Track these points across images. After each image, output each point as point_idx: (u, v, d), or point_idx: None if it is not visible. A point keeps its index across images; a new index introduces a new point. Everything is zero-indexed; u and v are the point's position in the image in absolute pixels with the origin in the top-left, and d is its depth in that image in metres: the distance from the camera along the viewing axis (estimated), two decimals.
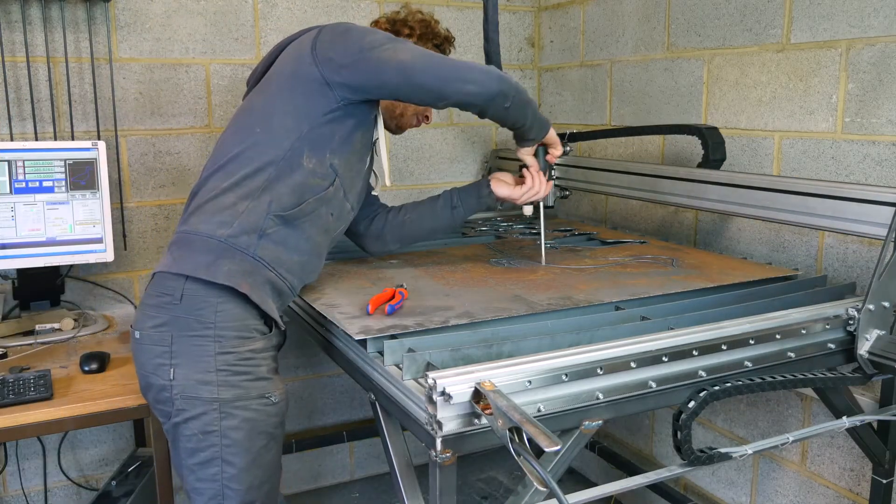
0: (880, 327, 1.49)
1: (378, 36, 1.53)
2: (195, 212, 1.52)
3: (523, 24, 2.98)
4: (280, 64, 1.60)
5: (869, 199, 1.58)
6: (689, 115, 2.31)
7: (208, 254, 1.45)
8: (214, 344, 1.43)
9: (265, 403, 1.48)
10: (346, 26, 1.56)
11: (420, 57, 1.51)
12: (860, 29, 1.80)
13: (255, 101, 1.61)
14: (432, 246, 2.19)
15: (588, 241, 2.26)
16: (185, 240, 1.50)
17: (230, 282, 1.43)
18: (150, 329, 1.46)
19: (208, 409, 1.43)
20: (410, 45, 1.54)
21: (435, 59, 1.52)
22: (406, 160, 2.83)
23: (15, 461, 2.34)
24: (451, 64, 1.53)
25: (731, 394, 1.31)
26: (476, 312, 1.50)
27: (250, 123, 1.56)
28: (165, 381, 1.45)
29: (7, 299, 2.17)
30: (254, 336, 1.48)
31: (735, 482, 2.26)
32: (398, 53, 1.49)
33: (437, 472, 1.17)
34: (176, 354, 1.44)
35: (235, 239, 1.46)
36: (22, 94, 2.21)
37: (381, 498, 2.81)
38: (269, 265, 1.49)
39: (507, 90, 1.55)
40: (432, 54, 1.54)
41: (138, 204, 2.40)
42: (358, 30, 1.55)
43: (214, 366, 1.43)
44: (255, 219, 1.48)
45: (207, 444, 1.44)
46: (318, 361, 2.75)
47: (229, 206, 1.48)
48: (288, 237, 1.52)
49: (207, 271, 1.43)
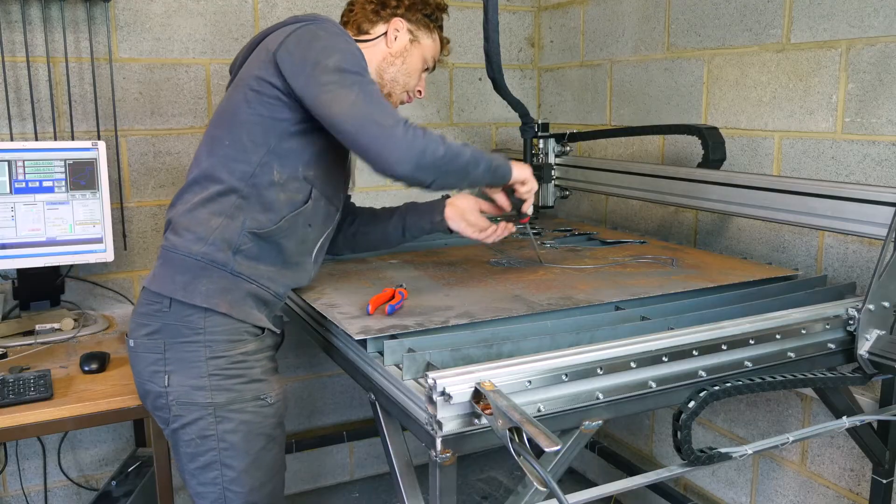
0: (880, 327, 1.49)
1: (332, 61, 1.41)
2: (173, 226, 1.50)
3: (523, 24, 2.98)
4: (249, 66, 1.51)
5: (869, 199, 1.58)
6: (689, 115, 2.31)
7: (185, 273, 1.44)
8: (205, 349, 1.43)
9: (261, 405, 1.48)
10: (314, 33, 1.45)
11: (351, 118, 1.38)
12: (860, 29, 1.80)
13: (226, 108, 1.52)
14: (432, 246, 2.19)
15: (588, 241, 2.25)
16: (165, 255, 1.49)
17: (208, 303, 1.43)
18: (143, 337, 1.47)
19: (203, 413, 1.43)
20: (353, 95, 1.39)
21: (366, 122, 1.37)
22: None
23: (15, 461, 2.34)
24: (376, 132, 1.37)
25: (731, 394, 1.31)
26: (476, 312, 1.49)
27: (220, 136, 1.49)
28: (161, 388, 1.45)
29: (7, 299, 2.17)
30: (244, 339, 1.47)
31: (735, 482, 2.26)
32: (333, 105, 1.39)
33: (437, 472, 1.17)
34: (169, 361, 1.44)
35: (212, 255, 1.44)
36: (22, 94, 2.21)
37: (381, 498, 2.81)
38: (249, 278, 1.47)
39: (424, 175, 1.40)
40: (368, 113, 1.38)
41: (138, 204, 2.40)
42: (322, 44, 1.43)
43: (207, 371, 1.43)
44: (230, 235, 1.45)
45: (206, 448, 1.45)
46: (318, 361, 2.75)
47: (203, 221, 1.46)
48: (264, 251, 1.49)
49: (185, 292, 1.43)
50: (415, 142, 1.38)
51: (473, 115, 2.92)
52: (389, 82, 1.67)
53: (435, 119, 2.84)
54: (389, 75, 1.67)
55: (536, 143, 2.55)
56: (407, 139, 1.38)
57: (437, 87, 2.83)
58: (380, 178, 2.77)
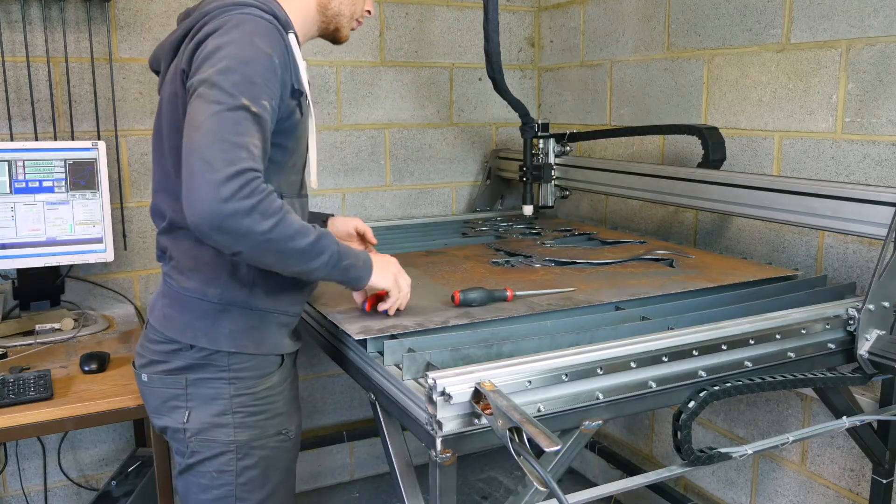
0: (880, 327, 1.49)
1: (211, 73, 1.20)
2: (176, 265, 1.39)
3: (523, 24, 2.98)
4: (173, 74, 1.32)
5: (869, 199, 1.58)
6: (689, 115, 2.31)
7: (204, 318, 1.36)
8: (229, 387, 1.38)
9: (282, 440, 1.45)
10: (222, 42, 1.24)
11: (189, 139, 1.18)
12: (860, 29, 1.80)
13: (164, 127, 1.35)
14: (432, 246, 2.19)
15: (588, 241, 2.26)
16: (175, 297, 1.39)
17: (235, 347, 1.37)
18: (162, 374, 1.40)
19: (224, 450, 1.39)
20: (205, 114, 1.18)
21: (198, 150, 1.15)
22: (406, 160, 2.83)
23: (15, 461, 2.34)
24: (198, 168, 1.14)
25: (731, 394, 1.31)
26: (476, 312, 1.50)
27: (174, 165, 1.33)
28: (179, 425, 1.40)
29: (7, 299, 2.16)
30: (270, 372, 1.43)
31: (735, 482, 2.26)
32: (187, 117, 1.20)
33: (437, 472, 1.17)
34: (191, 398, 1.38)
35: (229, 296, 1.36)
36: (22, 94, 2.21)
37: (381, 498, 2.81)
38: (273, 310, 1.41)
39: (223, 240, 1.17)
40: (204, 142, 1.15)
41: (138, 204, 2.40)
42: (220, 53, 1.22)
43: (231, 408, 1.38)
44: (242, 273, 1.36)
45: (221, 482, 1.41)
46: (317, 361, 2.75)
47: (208, 261, 1.36)
48: (276, 276, 1.35)
49: (208, 339, 1.36)
50: (231, 202, 1.14)
51: (473, 115, 2.92)
52: (334, 17, 1.50)
53: (435, 119, 2.84)
54: (333, 9, 1.49)
55: (536, 143, 2.55)
56: (222, 193, 1.13)
57: (438, 87, 2.84)
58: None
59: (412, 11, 2.74)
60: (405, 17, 2.74)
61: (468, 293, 1.54)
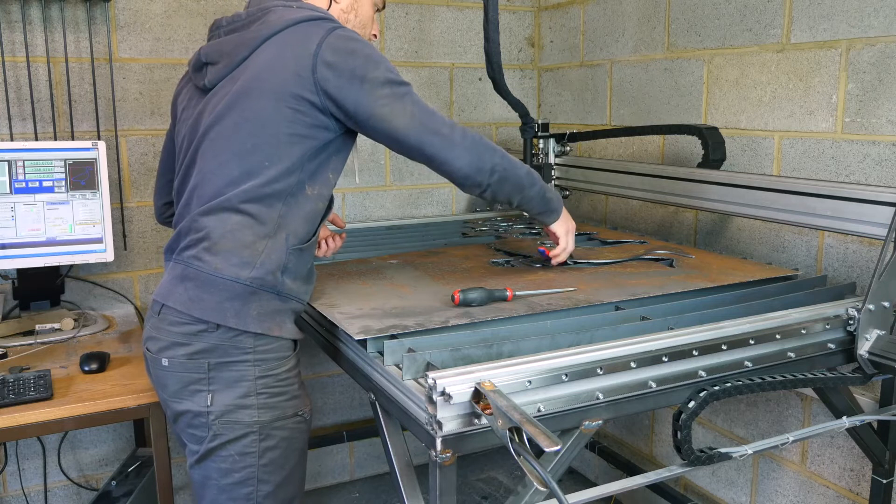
0: (880, 327, 1.49)
1: (379, 73, 1.42)
2: (209, 245, 1.42)
3: (523, 24, 2.98)
4: (272, 78, 1.41)
5: (869, 199, 1.58)
6: (689, 115, 2.31)
7: (234, 299, 1.40)
8: (254, 368, 1.42)
9: (299, 421, 1.49)
10: (351, 46, 1.42)
11: (413, 131, 1.44)
12: (860, 29, 1.80)
13: (253, 119, 1.42)
14: (432, 246, 2.19)
15: (588, 241, 2.26)
16: (203, 277, 1.41)
17: (261, 328, 1.41)
18: (183, 358, 1.42)
19: (248, 431, 1.42)
20: (409, 107, 1.44)
21: (428, 133, 1.45)
22: (406, 160, 2.81)
23: (15, 461, 2.34)
24: (438, 143, 1.45)
25: (731, 394, 1.31)
26: (476, 312, 1.50)
27: (254, 152, 1.42)
28: (201, 408, 1.42)
29: (7, 299, 2.17)
30: (288, 356, 1.48)
31: (735, 482, 2.26)
32: (393, 120, 1.43)
33: (437, 472, 1.17)
34: (214, 381, 1.41)
35: (262, 279, 1.41)
36: (22, 94, 2.21)
37: (381, 498, 2.81)
38: (294, 297, 1.47)
39: (482, 177, 1.50)
40: (427, 124, 1.45)
41: (138, 204, 2.40)
42: (362, 55, 1.42)
43: (255, 389, 1.42)
44: (277, 256, 1.43)
45: (243, 465, 1.44)
46: (317, 361, 2.75)
47: (249, 244, 1.41)
48: (300, 265, 1.47)
49: (237, 319, 1.40)
50: (473, 146, 1.48)
51: (473, 115, 2.92)
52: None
53: None
54: None
55: (536, 143, 2.55)
56: (465, 144, 1.47)
57: (438, 87, 2.84)
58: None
59: (412, 11, 2.75)
60: (405, 17, 2.74)
61: (468, 293, 1.54)
